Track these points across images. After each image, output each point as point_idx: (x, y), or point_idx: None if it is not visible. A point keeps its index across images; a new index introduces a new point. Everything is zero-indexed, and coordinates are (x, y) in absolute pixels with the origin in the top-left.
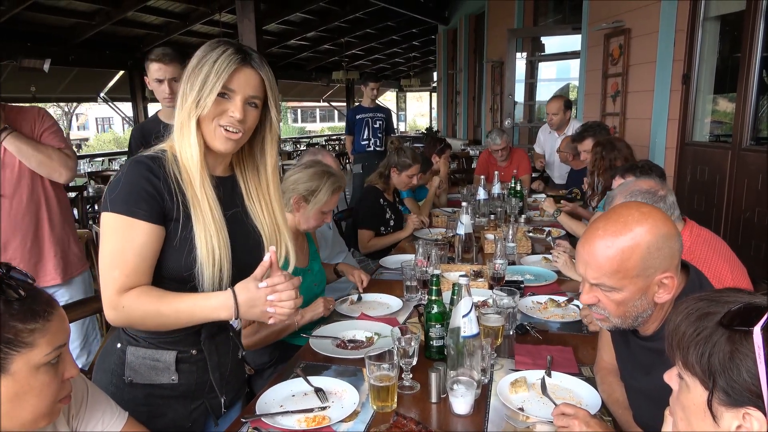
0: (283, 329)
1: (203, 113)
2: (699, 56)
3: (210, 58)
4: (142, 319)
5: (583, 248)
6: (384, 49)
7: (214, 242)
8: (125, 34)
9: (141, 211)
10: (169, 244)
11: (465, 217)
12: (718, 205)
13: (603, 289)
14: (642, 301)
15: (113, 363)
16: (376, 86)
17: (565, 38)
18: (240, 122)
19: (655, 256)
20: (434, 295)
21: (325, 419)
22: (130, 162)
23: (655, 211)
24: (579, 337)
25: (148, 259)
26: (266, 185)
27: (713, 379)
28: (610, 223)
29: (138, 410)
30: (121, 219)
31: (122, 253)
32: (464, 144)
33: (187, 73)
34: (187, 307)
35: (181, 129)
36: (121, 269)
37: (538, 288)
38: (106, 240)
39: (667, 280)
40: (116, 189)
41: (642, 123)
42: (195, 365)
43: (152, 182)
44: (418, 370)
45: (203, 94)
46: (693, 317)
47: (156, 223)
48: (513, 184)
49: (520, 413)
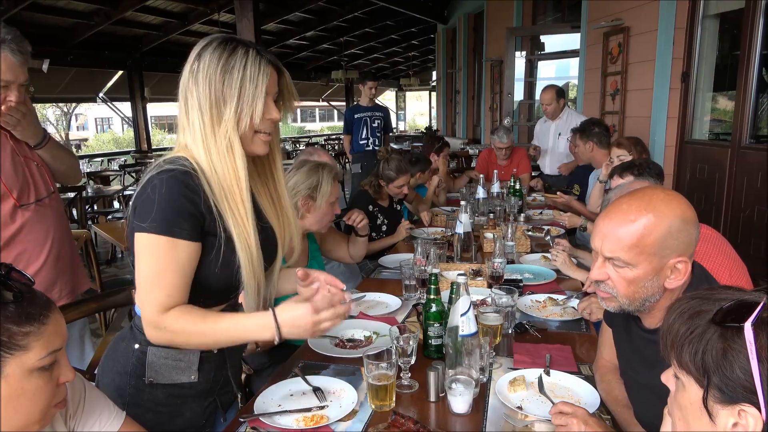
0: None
1: (254, 123)
2: (698, 54)
3: (235, 64)
4: (185, 339)
5: (602, 221)
6: (383, 48)
7: (252, 249)
8: (124, 34)
9: (182, 231)
10: (207, 257)
11: (464, 216)
12: (718, 204)
13: (616, 264)
14: (652, 283)
15: (131, 364)
16: (375, 85)
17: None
18: (277, 121)
19: (674, 237)
20: (433, 294)
21: (323, 418)
22: (164, 179)
23: (678, 195)
24: (578, 336)
25: (188, 277)
26: (274, 180)
27: (707, 377)
28: (635, 199)
29: (158, 410)
30: (162, 240)
31: (164, 273)
32: (464, 143)
33: (206, 82)
34: (228, 328)
35: (225, 148)
36: (162, 289)
37: (537, 287)
38: (145, 260)
39: (680, 265)
40: (152, 208)
41: (641, 121)
42: (213, 362)
43: (191, 199)
44: (417, 369)
45: (245, 107)
46: (686, 316)
47: (196, 241)
48: (512, 183)
49: (518, 412)
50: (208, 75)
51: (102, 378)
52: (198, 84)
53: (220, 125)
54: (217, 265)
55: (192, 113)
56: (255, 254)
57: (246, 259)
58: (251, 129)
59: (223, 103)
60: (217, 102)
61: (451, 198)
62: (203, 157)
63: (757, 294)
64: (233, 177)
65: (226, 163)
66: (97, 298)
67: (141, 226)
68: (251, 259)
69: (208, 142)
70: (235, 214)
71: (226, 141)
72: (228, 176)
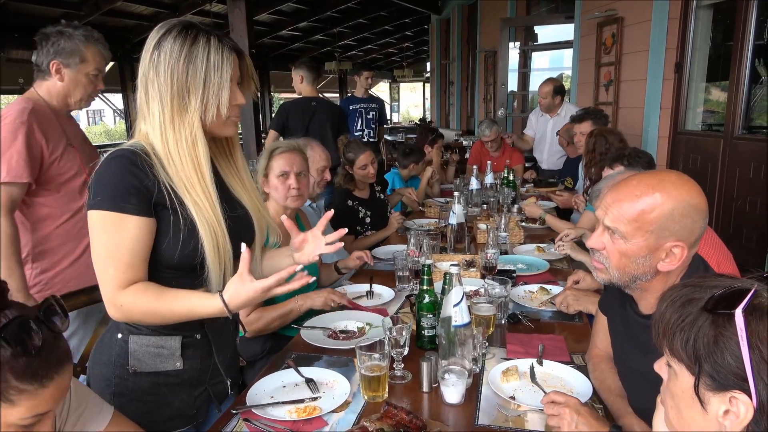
0: (287, 314)
1: (222, 113)
2: (692, 45)
3: (198, 53)
4: (141, 316)
5: (610, 193)
6: (377, 39)
7: (219, 237)
8: (114, 24)
9: (130, 206)
10: (163, 236)
11: (457, 207)
12: (710, 194)
13: (614, 235)
14: (645, 261)
15: (114, 354)
16: (370, 75)
17: (558, 27)
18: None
19: (676, 221)
20: (426, 284)
21: (316, 410)
22: (111, 158)
23: (692, 182)
24: (570, 326)
25: (142, 254)
26: (234, 159)
27: (699, 365)
28: (647, 176)
29: (144, 399)
30: (110, 216)
31: (115, 250)
32: (457, 134)
33: (168, 72)
34: (181, 308)
35: (186, 139)
36: (116, 266)
37: (530, 277)
38: (97, 238)
39: (677, 249)
40: (100, 186)
41: (635, 112)
42: (199, 350)
43: (136, 175)
44: (410, 360)
45: (210, 97)
46: (677, 304)
47: (147, 216)
48: (506, 174)
49: (511, 402)
50: (170, 66)
51: (91, 369)
52: (159, 74)
53: (183, 117)
54: (177, 245)
55: (153, 104)
56: (221, 240)
57: (211, 245)
58: (220, 117)
59: (187, 93)
60: (180, 93)
61: (445, 189)
62: (160, 146)
63: (749, 281)
64: (193, 167)
65: (186, 154)
66: (87, 291)
67: (90, 203)
68: (216, 245)
69: (167, 132)
70: (197, 201)
71: (191, 133)
72: (187, 166)
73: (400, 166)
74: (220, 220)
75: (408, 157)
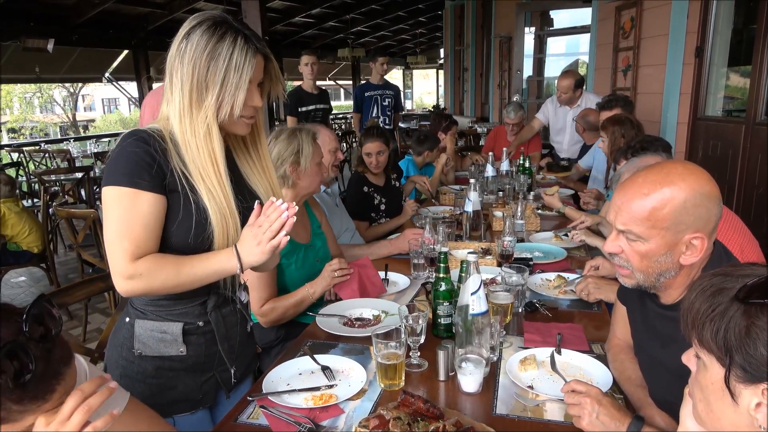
0: (300, 303)
1: (234, 113)
2: (713, 28)
3: (222, 51)
4: (162, 281)
5: (617, 194)
6: (390, 25)
7: (230, 227)
8: (128, 12)
9: (143, 182)
10: (174, 217)
11: (473, 194)
12: (731, 181)
13: (629, 237)
14: (666, 258)
15: (122, 337)
16: (385, 61)
17: (574, 12)
18: (259, 107)
19: (689, 213)
20: (442, 272)
21: (332, 397)
22: (125, 136)
23: (700, 169)
24: (589, 315)
25: (155, 230)
26: (260, 152)
27: (730, 356)
28: (652, 172)
29: (148, 382)
30: (124, 191)
31: (129, 224)
32: (471, 121)
33: (191, 64)
34: (201, 263)
35: (203, 131)
36: (130, 239)
37: (547, 265)
38: (111, 212)
39: (696, 241)
40: (115, 163)
41: (653, 98)
42: (203, 337)
43: (150, 154)
44: (426, 348)
45: (226, 96)
46: (708, 293)
47: (160, 194)
48: (522, 161)
49: (529, 391)
50: (193, 58)
51: (107, 353)
52: (183, 64)
53: (199, 109)
54: (189, 230)
55: (174, 90)
56: (232, 230)
57: (222, 233)
58: (231, 116)
59: (205, 88)
60: (199, 87)
61: (459, 177)
62: (179, 132)
63: None
64: (208, 156)
65: (202, 144)
66: (104, 277)
67: (106, 180)
68: (227, 234)
69: (185, 120)
70: (210, 189)
71: (205, 125)
72: (203, 155)
73: (414, 153)
74: (233, 210)
75: (422, 144)
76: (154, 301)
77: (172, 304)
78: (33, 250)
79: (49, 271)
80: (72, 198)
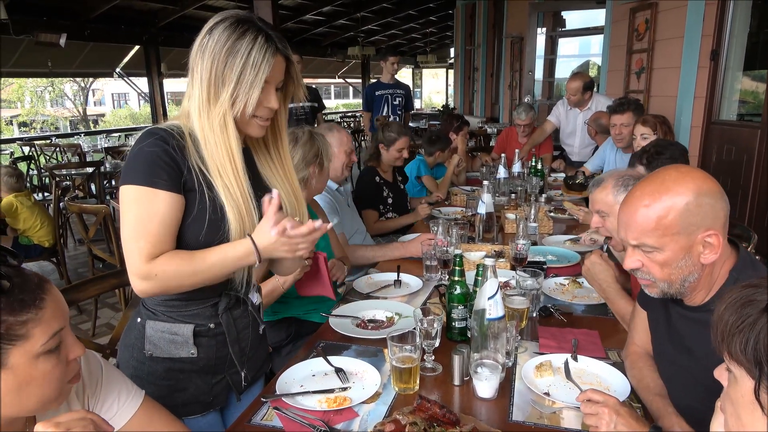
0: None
1: (247, 111)
2: (729, 31)
3: (240, 48)
4: (178, 281)
5: (622, 211)
6: (400, 24)
7: (246, 225)
8: (140, 8)
9: (161, 181)
10: (190, 216)
11: (486, 195)
12: (745, 186)
13: (645, 250)
14: (686, 262)
15: (134, 337)
16: (396, 60)
17: (586, 13)
18: (274, 110)
19: (694, 213)
20: (457, 275)
21: (346, 400)
22: (144, 134)
23: (694, 170)
24: (605, 321)
25: (171, 228)
26: (281, 154)
27: (760, 368)
28: (648, 183)
29: (159, 384)
30: (142, 190)
31: (146, 223)
32: (481, 122)
33: (210, 59)
34: (218, 259)
35: (219, 127)
36: (146, 239)
37: (561, 269)
38: (128, 211)
39: (711, 238)
40: (133, 162)
41: (667, 101)
42: (214, 339)
43: (169, 154)
44: (440, 352)
45: (240, 92)
46: (737, 305)
47: (177, 193)
48: (533, 163)
49: (546, 398)
50: (213, 53)
51: (119, 352)
52: (203, 59)
53: (216, 104)
54: (203, 227)
55: (195, 85)
56: (248, 226)
57: (238, 230)
58: (244, 115)
59: (221, 83)
60: (216, 82)
61: (471, 177)
62: (198, 127)
63: None
64: (226, 152)
65: (220, 141)
66: (117, 274)
67: (124, 179)
68: (243, 232)
69: (203, 116)
70: (227, 186)
71: (220, 120)
72: (221, 150)
73: (425, 153)
74: (249, 206)
75: (434, 145)
76: (166, 301)
77: (183, 305)
78: (44, 244)
79: (59, 266)
80: (82, 192)
